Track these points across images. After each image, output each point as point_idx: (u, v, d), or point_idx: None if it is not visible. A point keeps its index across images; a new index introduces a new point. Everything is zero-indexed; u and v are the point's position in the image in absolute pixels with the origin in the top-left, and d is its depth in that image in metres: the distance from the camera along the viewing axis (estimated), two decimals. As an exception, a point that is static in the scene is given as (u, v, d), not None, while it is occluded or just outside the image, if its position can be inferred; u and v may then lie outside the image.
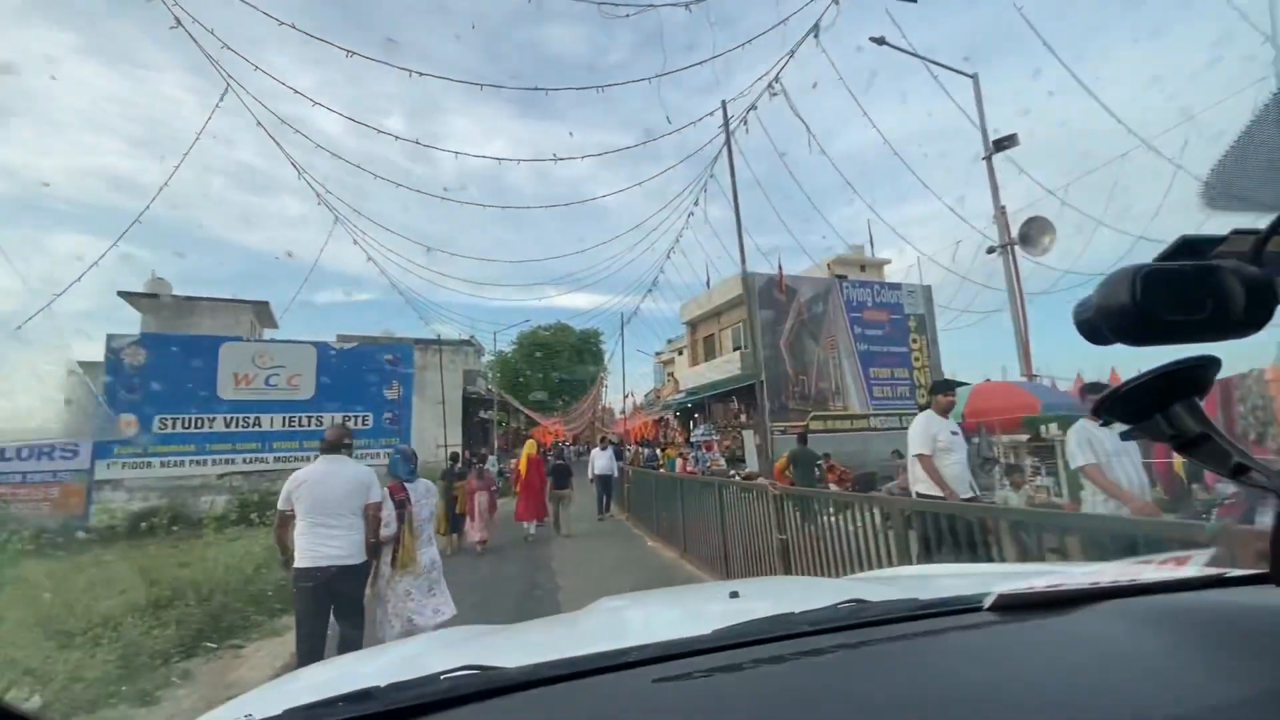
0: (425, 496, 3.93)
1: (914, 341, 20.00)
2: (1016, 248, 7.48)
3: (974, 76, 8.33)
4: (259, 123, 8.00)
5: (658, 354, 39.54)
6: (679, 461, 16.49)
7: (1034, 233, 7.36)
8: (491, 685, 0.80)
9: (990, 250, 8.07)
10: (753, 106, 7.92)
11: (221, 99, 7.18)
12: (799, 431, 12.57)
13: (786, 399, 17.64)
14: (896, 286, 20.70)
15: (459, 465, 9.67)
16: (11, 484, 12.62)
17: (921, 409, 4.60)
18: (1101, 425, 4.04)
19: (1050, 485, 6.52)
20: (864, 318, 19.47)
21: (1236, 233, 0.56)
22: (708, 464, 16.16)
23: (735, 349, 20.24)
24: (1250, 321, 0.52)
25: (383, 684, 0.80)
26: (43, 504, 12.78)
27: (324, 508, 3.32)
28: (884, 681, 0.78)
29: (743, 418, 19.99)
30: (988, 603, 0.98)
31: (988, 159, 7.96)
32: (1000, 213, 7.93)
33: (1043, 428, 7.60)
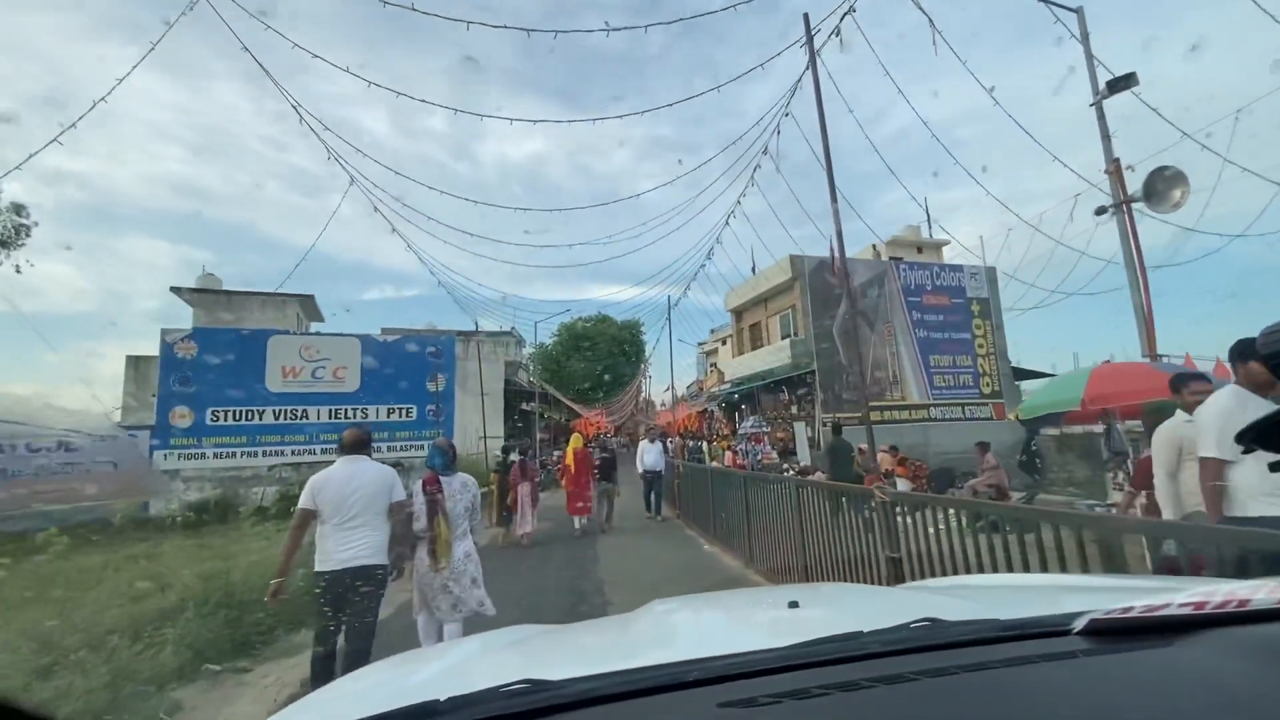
0: (461, 491, 3.79)
1: (977, 327, 18.98)
2: (1136, 206, 6.32)
3: (1078, 11, 7.19)
4: (266, 71, 7.38)
5: (700, 344, 38.70)
6: (728, 455, 15.67)
7: (1161, 187, 6.19)
8: (549, 703, 0.77)
9: (1100, 211, 6.91)
10: (850, 9, 6.48)
11: (192, 7, 6.55)
12: (837, 422, 11.64)
13: (841, 389, 16.88)
14: (958, 268, 19.57)
15: (508, 458, 9.23)
16: (75, 474, 12.93)
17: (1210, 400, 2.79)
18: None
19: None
20: (923, 302, 18.54)
21: None
22: (759, 457, 15.25)
23: (784, 337, 19.27)
24: None
25: (436, 694, 0.80)
26: (105, 493, 13.09)
27: (345, 509, 3.24)
28: (964, 717, 0.69)
29: (794, 409, 19.04)
30: (1078, 626, 0.87)
31: (1097, 104, 6.85)
32: (1114, 166, 6.78)
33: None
